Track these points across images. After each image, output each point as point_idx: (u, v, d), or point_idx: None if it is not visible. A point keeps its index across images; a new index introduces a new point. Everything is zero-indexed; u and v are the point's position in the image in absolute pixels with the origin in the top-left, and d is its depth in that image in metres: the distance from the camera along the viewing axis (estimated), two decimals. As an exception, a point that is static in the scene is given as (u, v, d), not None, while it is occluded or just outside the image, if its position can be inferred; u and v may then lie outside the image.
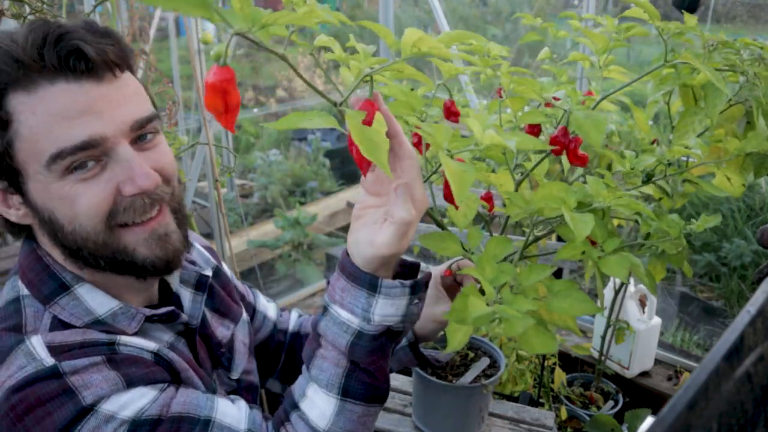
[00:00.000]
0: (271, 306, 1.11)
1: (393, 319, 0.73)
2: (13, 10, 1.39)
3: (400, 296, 0.73)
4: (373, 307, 0.72)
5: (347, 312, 0.73)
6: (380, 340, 0.74)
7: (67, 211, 0.70)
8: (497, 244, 0.77)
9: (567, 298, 0.70)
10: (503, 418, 1.40)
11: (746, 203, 3.52)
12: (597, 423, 1.76)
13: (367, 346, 0.73)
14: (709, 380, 0.42)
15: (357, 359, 0.74)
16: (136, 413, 0.68)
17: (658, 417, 0.39)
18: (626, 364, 2.29)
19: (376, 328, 0.72)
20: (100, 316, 0.75)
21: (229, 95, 0.59)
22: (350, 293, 0.73)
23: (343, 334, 0.73)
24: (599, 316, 2.28)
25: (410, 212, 0.68)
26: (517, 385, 1.90)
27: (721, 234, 3.47)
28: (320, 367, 0.75)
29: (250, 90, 6.85)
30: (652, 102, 1.15)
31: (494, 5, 6.43)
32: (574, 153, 0.83)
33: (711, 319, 3.19)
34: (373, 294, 0.72)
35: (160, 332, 0.82)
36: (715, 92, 0.89)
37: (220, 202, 2.23)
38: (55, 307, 0.74)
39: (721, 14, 3.50)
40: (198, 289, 0.88)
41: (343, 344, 0.73)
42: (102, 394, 0.67)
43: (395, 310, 0.73)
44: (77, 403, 0.66)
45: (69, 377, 0.67)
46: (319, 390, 0.76)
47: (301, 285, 3.37)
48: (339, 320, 0.74)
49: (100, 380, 0.68)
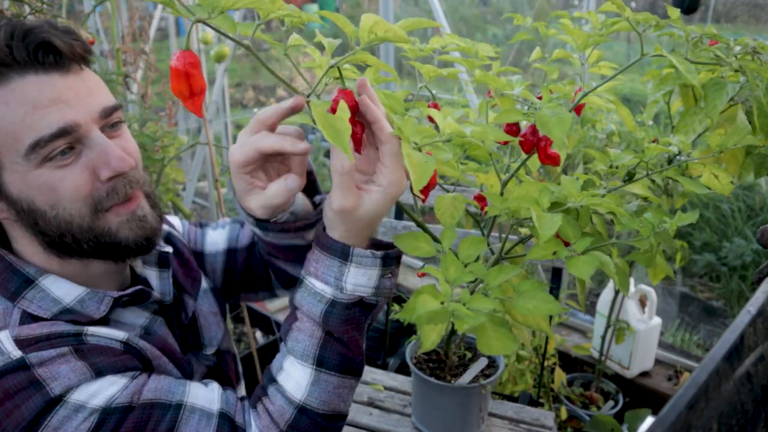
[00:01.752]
0: (222, 233, 1.06)
1: (365, 290, 0.75)
2: (13, 10, 1.39)
3: (372, 266, 0.74)
4: (345, 276, 0.74)
5: (321, 282, 0.75)
6: (354, 311, 0.75)
7: (48, 198, 0.72)
8: (471, 244, 0.77)
9: (532, 299, 0.71)
10: (503, 418, 1.40)
11: (746, 203, 3.51)
12: (597, 423, 1.76)
13: (340, 314, 0.75)
14: (709, 380, 0.42)
15: (331, 328, 0.75)
16: (107, 401, 0.69)
17: (658, 417, 0.39)
18: (626, 364, 2.29)
19: (349, 297, 0.74)
20: (68, 304, 0.76)
21: (194, 79, 0.60)
22: (323, 263, 0.75)
23: (317, 304, 0.75)
24: (599, 316, 2.28)
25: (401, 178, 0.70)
26: (516, 385, 1.90)
27: (721, 234, 3.47)
28: (296, 338, 0.77)
29: (250, 90, 6.84)
30: (653, 102, 1.15)
31: (494, 5, 6.43)
32: (544, 152, 0.83)
33: (711, 319, 3.19)
34: (345, 262, 0.74)
35: (136, 315, 0.83)
36: (715, 92, 0.89)
37: (220, 202, 2.24)
38: (23, 302, 0.75)
39: (721, 14, 3.50)
40: (162, 266, 0.90)
41: (317, 314, 0.75)
42: (70, 384, 0.68)
43: (367, 280, 0.74)
44: (45, 395, 0.67)
45: (36, 369, 0.68)
46: (294, 361, 0.77)
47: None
48: (313, 290, 0.76)
49: (68, 371, 0.69)
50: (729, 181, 0.88)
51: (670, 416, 0.38)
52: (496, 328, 0.68)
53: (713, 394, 0.42)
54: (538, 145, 0.83)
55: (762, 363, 0.47)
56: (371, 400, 1.46)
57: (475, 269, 0.74)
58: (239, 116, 5.61)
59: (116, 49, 1.92)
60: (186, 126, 3.48)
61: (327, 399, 0.77)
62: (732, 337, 0.46)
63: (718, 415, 0.42)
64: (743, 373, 0.45)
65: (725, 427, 0.42)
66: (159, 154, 2.07)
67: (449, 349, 1.29)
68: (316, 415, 0.77)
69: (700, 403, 0.40)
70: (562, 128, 0.72)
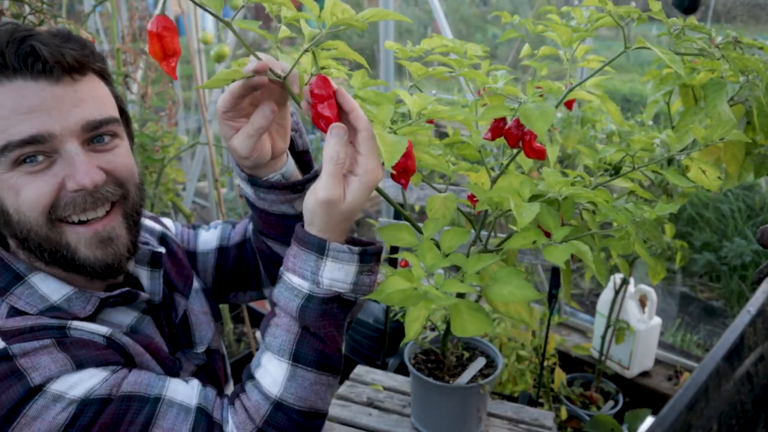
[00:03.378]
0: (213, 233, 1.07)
1: (342, 286, 0.74)
2: (13, 10, 1.39)
3: (349, 261, 0.74)
4: (321, 270, 0.74)
5: (298, 277, 0.75)
6: (330, 306, 0.75)
7: (13, 202, 0.73)
8: (453, 235, 0.78)
9: (507, 284, 0.71)
10: (502, 418, 1.40)
11: (746, 203, 3.51)
12: (597, 423, 1.76)
13: (317, 309, 0.74)
14: (709, 380, 0.42)
15: (307, 323, 0.75)
16: (86, 393, 0.70)
17: (658, 417, 0.39)
18: (626, 364, 2.29)
19: (325, 292, 0.74)
20: (55, 302, 0.77)
21: (166, 41, 0.65)
22: (300, 258, 0.75)
23: (294, 298, 0.75)
24: (599, 316, 2.28)
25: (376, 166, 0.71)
26: (516, 385, 1.90)
27: (721, 234, 3.47)
28: (273, 334, 0.77)
29: (250, 90, 6.84)
30: (652, 102, 1.15)
31: (495, 5, 6.43)
32: (529, 145, 0.83)
33: (711, 319, 3.19)
34: (321, 257, 0.74)
35: (123, 314, 0.84)
36: (715, 92, 0.89)
37: (220, 202, 2.23)
38: (11, 297, 0.76)
39: (721, 14, 3.50)
40: (153, 266, 0.90)
41: (294, 308, 0.75)
42: (50, 375, 0.69)
43: (344, 275, 0.74)
44: (25, 384, 0.68)
45: (18, 359, 0.69)
46: (272, 357, 0.77)
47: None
48: (291, 285, 0.76)
49: (49, 362, 0.70)
50: (716, 176, 0.88)
51: (670, 416, 0.38)
52: (471, 311, 0.68)
53: (713, 394, 0.42)
54: (523, 139, 0.83)
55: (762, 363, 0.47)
56: (370, 400, 1.46)
57: (454, 258, 0.75)
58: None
59: (116, 49, 1.92)
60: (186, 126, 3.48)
61: (303, 395, 0.77)
62: (732, 337, 0.46)
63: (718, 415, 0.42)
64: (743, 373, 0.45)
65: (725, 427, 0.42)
66: (159, 154, 2.07)
67: (447, 349, 1.29)
68: (292, 411, 0.76)
69: (700, 403, 0.40)
70: (545, 121, 0.72)
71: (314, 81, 0.71)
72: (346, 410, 1.43)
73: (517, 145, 0.84)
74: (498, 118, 0.87)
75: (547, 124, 0.72)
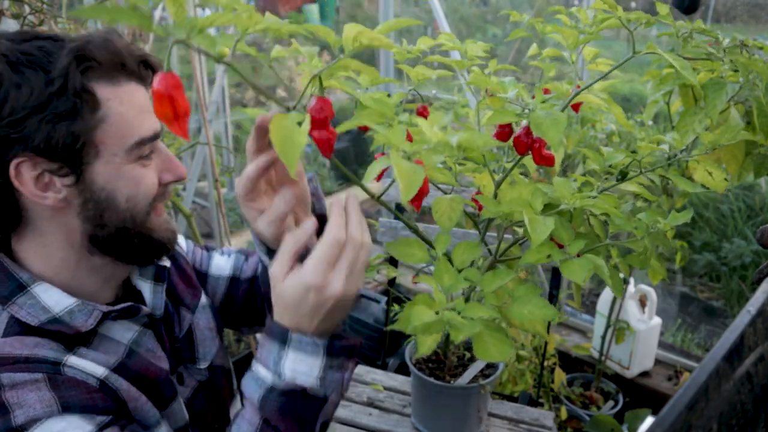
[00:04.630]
0: (228, 261, 1.08)
1: (306, 379, 0.70)
2: (13, 10, 1.39)
3: (313, 354, 0.70)
4: (283, 360, 0.70)
5: (263, 367, 0.72)
6: (293, 400, 0.70)
7: (129, 191, 0.78)
8: (465, 250, 0.77)
9: (527, 304, 0.71)
10: (503, 418, 1.40)
11: (746, 203, 3.51)
12: (597, 423, 1.76)
13: (276, 401, 0.70)
14: (709, 380, 0.42)
15: (268, 416, 0.71)
16: None
17: (658, 417, 0.39)
18: (626, 364, 2.29)
19: (288, 384, 0.70)
20: (57, 314, 0.76)
21: (177, 102, 0.59)
22: (266, 348, 0.72)
23: (257, 389, 0.72)
24: (599, 316, 2.28)
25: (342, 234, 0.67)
26: (516, 385, 1.90)
27: (721, 234, 3.47)
28: (239, 425, 0.74)
29: (250, 90, 6.84)
30: (652, 102, 1.15)
31: (495, 5, 6.43)
32: (539, 153, 0.81)
33: (711, 319, 3.19)
34: (283, 347, 0.70)
35: (125, 328, 0.84)
36: (715, 92, 0.89)
37: (220, 202, 2.23)
38: (13, 307, 0.75)
39: (721, 14, 3.50)
40: (157, 280, 0.91)
41: (256, 398, 0.72)
42: (34, 416, 0.67)
43: (308, 368, 0.70)
44: (7, 422, 0.66)
45: (5, 391, 0.67)
46: None
47: (301, 285, 3.37)
48: (256, 376, 0.73)
49: (35, 400, 0.68)
50: (723, 178, 0.88)
51: (670, 416, 0.38)
52: (492, 333, 0.67)
53: (713, 394, 0.42)
54: (533, 147, 0.82)
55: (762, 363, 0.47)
56: (371, 400, 1.46)
57: (469, 275, 0.74)
58: (239, 116, 5.60)
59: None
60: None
61: None
62: (732, 337, 0.46)
63: (718, 415, 0.42)
64: (743, 373, 0.45)
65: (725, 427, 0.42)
66: (159, 154, 2.06)
67: (448, 349, 1.29)
68: None
69: (700, 403, 0.40)
70: (557, 130, 0.71)
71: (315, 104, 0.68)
72: (347, 410, 1.43)
73: (527, 152, 0.83)
74: (501, 125, 0.87)
75: (559, 133, 0.71)
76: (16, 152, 0.71)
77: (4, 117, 0.69)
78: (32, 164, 0.72)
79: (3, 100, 0.69)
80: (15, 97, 0.69)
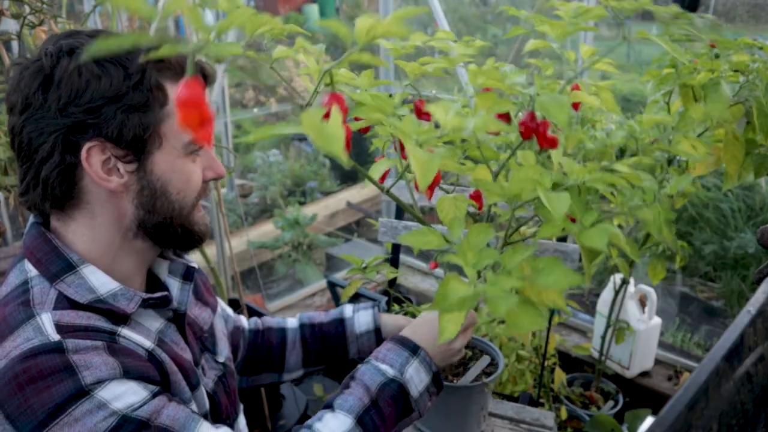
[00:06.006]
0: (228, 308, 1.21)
1: (414, 389, 0.90)
2: (13, 10, 1.39)
3: (427, 372, 0.92)
4: (408, 366, 0.91)
5: (387, 365, 0.91)
6: (402, 395, 0.89)
7: (181, 184, 0.84)
8: (478, 232, 0.78)
9: (551, 274, 0.71)
10: (503, 418, 1.40)
11: (746, 203, 3.51)
12: (597, 423, 1.76)
13: (393, 390, 0.88)
14: (709, 380, 0.42)
15: (379, 399, 0.87)
16: (127, 408, 0.72)
17: (658, 417, 0.39)
18: (626, 364, 2.29)
19: (404, 383, 0.89)
20: (102, 295, 0.81)
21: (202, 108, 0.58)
22: (394, 352, 0.92)
23: (379, 377, 0.89)
24: (599, 316, 2.28)
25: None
26: (517, 385, 1.90)
27: (721, 234, 3.47)
28: (345, 399, 0.88)
29: (250, 90, 6.84)
30: (652, 102, 1.15)
31: (494, 5, 6.42)
32: (543, 136, 0.85)
33: (711, 319, 3.19)
34: (412, 356, 0.91)
35: (153, 319, 0.88)
36: (716, 92, 0.89)
37: (220, 202, 2.23)
38: (61, 285, 0.79)
39: (721, 14, 3.50)
40: (186, 279, 0.97)
41: (375, 384, 0.88)
42: (101, 377, 0.72)
43: (419, 379, 0.91)
44: (77, 381, 0.70)
45: (71, 355, 0.72)
46: (338, 413, 0.87)
47: (301, 285, 3.36)
48: (378, 368, 0.90)
49: (100, 363, 0.73)
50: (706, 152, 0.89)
51: (670, 416, 0.38)
52: (524, 306, 0.69)
53: (713, 394, 0.42)
54: (537, 131, 0.85)
55: (762, 363, 0.47)
56: (371, 400, 1.46)
57: (489, 254, 0.75)
58: (239, 116, 5.60)
59: (116, 49, 1.91)
60: (186, 126, 3.46)
61: None
62: (732, 337, 0.46)
63: (718, 415, 0.42)
64: (743, 373, 0.45)
65: (725, 427, 0.42)
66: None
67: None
68: None
69: (700, 403, 0.40)
70: (562, 111, 0.74)
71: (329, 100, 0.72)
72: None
73: (531, 137, 0.86)
74: (500, 114, 0.88)
75: (564, 113, 0.74)
76: (90, 137, 0.77)
77: (83, 103, 0.75)
78: (102, 149, 0.78)
79: (84, 88, 0.75)
80: (95, 87, 0.75)
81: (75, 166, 0.78)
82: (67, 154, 0.77)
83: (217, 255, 2.65)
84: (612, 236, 0.74)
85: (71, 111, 0.75)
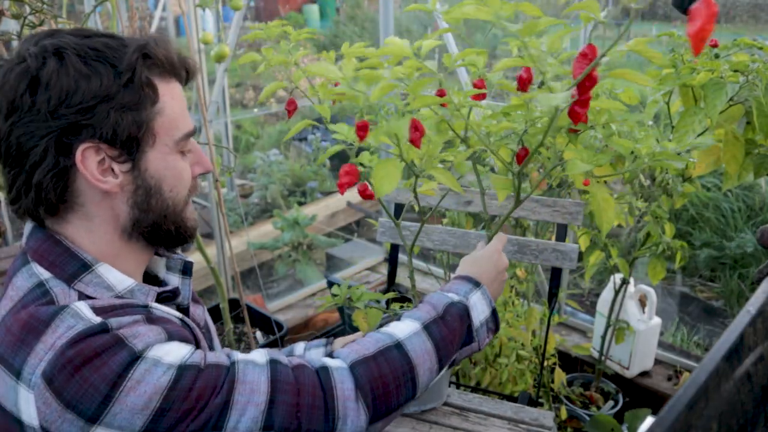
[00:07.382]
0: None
1: (476, 316, 0.97)
2: (13, 10, 1.39)
3: (488, 305, 1.00)
4: (472, 294, 0.99)
5: (453, 293, 0.99)
6: (466, 316, 0.96)
7: (173, 181, 0.85)
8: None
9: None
10: (502, 418, 1.40)
11: (746, 203, 3.51)
12: (597, 423, 1.76)
13: (459, 311, 0.95)
14: (709, 380, 0.42)
15: (446, 316, 0.94)
16: (180, 360, 0.75)
17: (658, 417, 0.39)
18: (626, 364, 2.29)
19: (469, 308, 0.97)
20: (120, 292, 0.82)
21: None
22: (460, 284, 1.01)
23: (446, 298, 0.97)
24: (599, 316, 2.28)
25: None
26: (516, 385, 1.90)
27: (721, 234, 3.47)
28: (413, 312, 0.94)
29: (250, 90, 6.84)
30: (652, 102, 1.15)
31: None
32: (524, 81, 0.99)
33: (711, 319, 3.19)
34: (475, 288, 1.01)
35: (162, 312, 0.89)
36: (715, 92, 0.89)
37: (220, 202, 2.23)
38: (80, 285, 0.80)
39: (721, 14, 3.49)
40: (185, 273, 0.98)
41: (442, 303, 0.95)
42: (150, 342, 0.74)
43: (481, 308, 0.98)
44: (130, 350, 0.72)
45: (116, 330, 0.73)
46: (407, 319, 0.93)
47: (301, 285, 3.36)
48: (446, 295, 0.98)
49: (146, 331, 0.75)
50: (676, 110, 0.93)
51: (670, 416, 0.38)
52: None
53: (713, 394, 0.42)
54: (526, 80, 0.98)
55: (762, 363, 0.47)
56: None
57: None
58: (239, 116, 5.60)
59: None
60: (186, 126, 3.46)
61: (418, 353, 0.88)
62: (732, 337, 0.46)
63: (718, 415, 0.42)
64: (743, 373, 0.45)
65: (725, 427, 0.42)
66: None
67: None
68: (405, 358, 0.86)
69: (700, 403, 0.40)
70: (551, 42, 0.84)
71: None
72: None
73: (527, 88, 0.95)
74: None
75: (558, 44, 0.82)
76: (84, 138, 0.76)
77: (75, 104, 0.74)
78: (96, 150, 0.77)
79: (74, 89, 0.74)
80: (85, 87, 0.74)
81: (69, 168, 0.77)
82: (61, 156, 0.76)
83: (218, 255, 2.65)
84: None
85: (63, 113, 0.74)
